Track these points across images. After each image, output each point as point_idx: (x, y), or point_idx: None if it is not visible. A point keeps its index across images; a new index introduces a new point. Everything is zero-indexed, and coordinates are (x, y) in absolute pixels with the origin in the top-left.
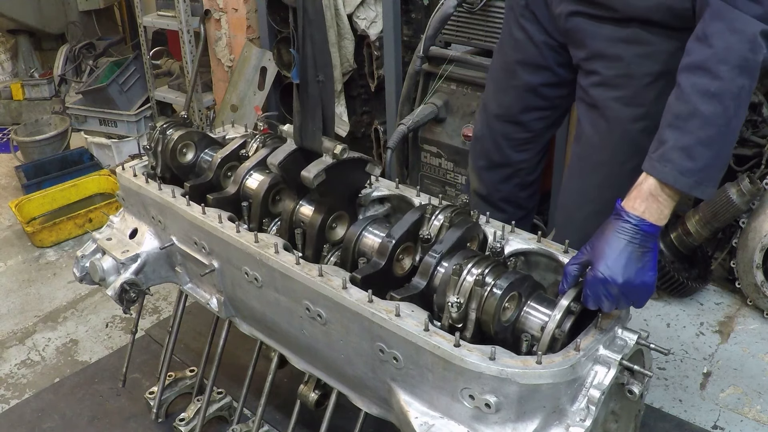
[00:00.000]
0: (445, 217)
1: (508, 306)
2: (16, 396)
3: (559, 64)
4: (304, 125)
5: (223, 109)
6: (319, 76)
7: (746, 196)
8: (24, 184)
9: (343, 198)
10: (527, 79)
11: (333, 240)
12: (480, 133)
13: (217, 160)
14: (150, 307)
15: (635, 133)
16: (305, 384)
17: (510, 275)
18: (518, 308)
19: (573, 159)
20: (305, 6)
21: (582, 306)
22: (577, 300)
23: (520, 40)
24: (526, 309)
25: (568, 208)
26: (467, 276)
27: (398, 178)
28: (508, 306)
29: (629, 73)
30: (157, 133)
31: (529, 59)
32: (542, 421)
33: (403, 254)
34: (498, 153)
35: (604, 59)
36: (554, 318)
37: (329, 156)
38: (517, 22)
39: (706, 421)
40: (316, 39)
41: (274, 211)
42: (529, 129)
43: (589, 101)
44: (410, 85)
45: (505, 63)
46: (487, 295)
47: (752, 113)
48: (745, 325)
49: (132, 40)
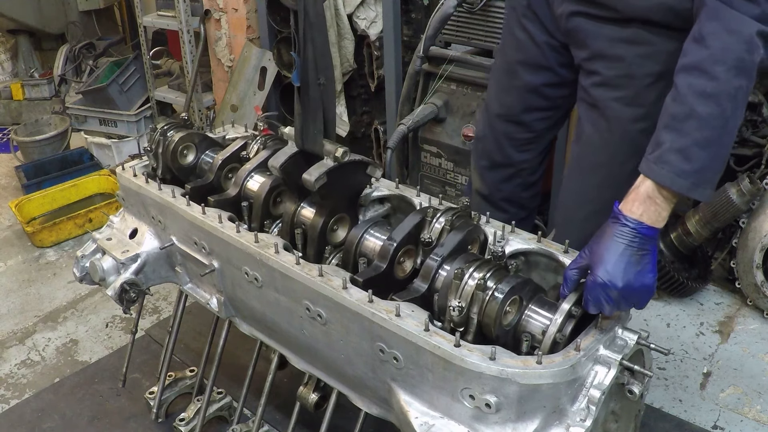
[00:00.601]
0: (446, 220)
1: (510, 310)
2: (16, 396)
3: (560, 64)
4: (305, 128)
5: (223, 109)
6: (320, 79)
7: (746, 196)
8: (24, 184)
9: (344, 200)
10: (529, 79)
11: (334, 242)
12: (482, 133)
13: (217, 162)
14: (150, 307)
15: (635, 133)
16: (305, 386)
17: (511, 279)
18: (519, 312)
19: (573, 159)
20: (306, 9)
21: (583, 309)
22: (578, 304)
23: (521, 40)
24: (527, 313)
25: (568, 208)
26: (469, 280)
27: (398, 178)
28: (510, 310)
29: (630, 74)
30: (158, 135)
31: (531, 59)
32: (542, 421)
33: (405, 257)
34: (500, 153)
35: (605, 59)
36: (555, 322)
37: (330, 159)
38: (519, 23)
39: (706, 421)
40: (317, 42)
41: (275, 213)
42: (531, 129)
43: (589, 101)
44: (410, 85)
45: (507, 63)
46: (489, 299)
47: (752, 113)
48: (745, 325)
49: (132, 40)
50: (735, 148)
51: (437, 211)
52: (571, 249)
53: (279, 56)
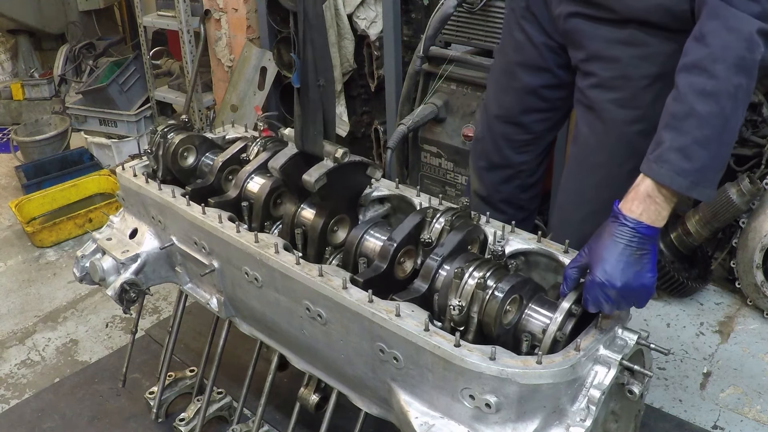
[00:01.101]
0: (446, 220)
1: (510, 309)
2: (16, 396)
3: (559, 65)
4: (305, 129)
5: (223, 109)
6: (319, 81)
7: (746, 196)
8: (24, 184)
9: (344, 201)
10: (527, 81)
11: (334, 243)
12: (481, 134)
13: (218, 164)
14: (150, 307)
15: (631, 135)
16: (305, 387)
17: (511, 278)
18: (519, 311)
19: (571, 160)
20: (306, 10)
21: (583, 309)
22: (578, 303)
23: (520, 41)
24: (527, 312)
25: (566, 209)
26: (469, 279)
27: (398, 178)
28: (510, 309)
29: (626, 75)
30: (158, 137)
31: (529, 61)
32: (542, 421)
33: (405, 257)
34: (498, 154)
35: (601, 61)
36: (555, 321)
37: (330, 160)
38: (518, 24)
39: (706, 421)
40: (317, 43)
41: (276, 214)
42: (529, 131)
43: (586, 103)
44: (410, 85)
45: (506, 64)
46: (489, 298)
47: (752, 113)
48: (745, 325)
49: (132, 40)
50: (735, 148)
51: (437, 211)
52: (571, 249)
53: (279, 56)
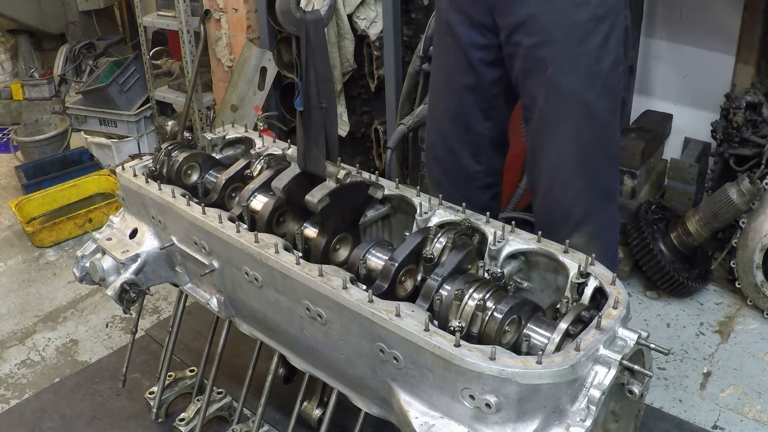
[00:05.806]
0: (448, 238)
1: (509, 329)
2: (16, 396)
3: (488, 63)
4: (308, 150)
5: (223, 109)
6: (322, 103)
7: (746, 196)
8: (24, 184)
9: (346, 221)
10: (464, 81)
11: (336, 262)
12: (430, 141)
13: (221, 182)
14: (150, 307)
15: (601, 70)
16: (308, 402)
17: (510, 299)
18: (518, 331)
19: (534, 136)
20: (308, 35)
21: (580, 329)
22: (575, 323)
23: (449, 43)
24: (525, 332)
25: (549, 172)
26: (469, 301)
27: (398, 178)
28: (509, 329)
29: (571, 23)
30: (162, 155)
31: (462, 61)
32: (542, 421)
33: (406, 276)
34: (451, 158)
35: (543, 16)
36: (553, 341)
37: (333, 180)
38: (446, 23)
39: (706, 421)
40: (319, 67)
41: (278, 232)
42: (474, 131)
43: (537, 64)
44: (410, 85)
45: (441, 66)
46: (488, 319)
47: (752, 113)
48: (745, 325)
49: (132, 40)
50: (735, 148)
51: (439, 230)
52: (571, 249)
53: (279, 56)
